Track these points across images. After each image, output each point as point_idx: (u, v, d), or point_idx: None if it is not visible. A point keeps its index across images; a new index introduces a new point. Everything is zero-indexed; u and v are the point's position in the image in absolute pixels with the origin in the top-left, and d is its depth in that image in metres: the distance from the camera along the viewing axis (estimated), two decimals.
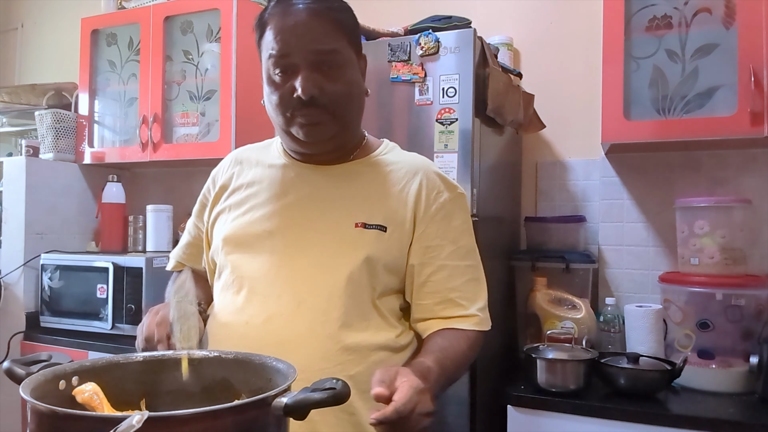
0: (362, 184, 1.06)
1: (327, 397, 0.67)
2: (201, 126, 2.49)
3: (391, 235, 1.02)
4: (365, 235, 1.01)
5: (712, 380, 1.62)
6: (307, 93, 0.96)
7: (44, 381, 0.72)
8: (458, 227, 1.07)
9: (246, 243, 1.06)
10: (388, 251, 1.01)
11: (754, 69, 1.62)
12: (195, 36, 2.52)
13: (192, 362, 0.82)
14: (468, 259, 1.07)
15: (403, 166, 1.08)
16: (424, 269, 1.04)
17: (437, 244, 1.04)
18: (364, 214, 1.02)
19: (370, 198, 1.04)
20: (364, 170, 1.08)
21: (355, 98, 1.04)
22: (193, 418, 0.60)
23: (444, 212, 1.05)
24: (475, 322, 1.04)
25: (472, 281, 1.06)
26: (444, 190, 1.07)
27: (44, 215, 2.55)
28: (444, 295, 1.04)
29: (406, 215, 1.03)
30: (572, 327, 1.81)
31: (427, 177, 1.07)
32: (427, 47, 1.67)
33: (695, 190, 1.98)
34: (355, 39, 1.04)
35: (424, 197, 1.05)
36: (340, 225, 1.02)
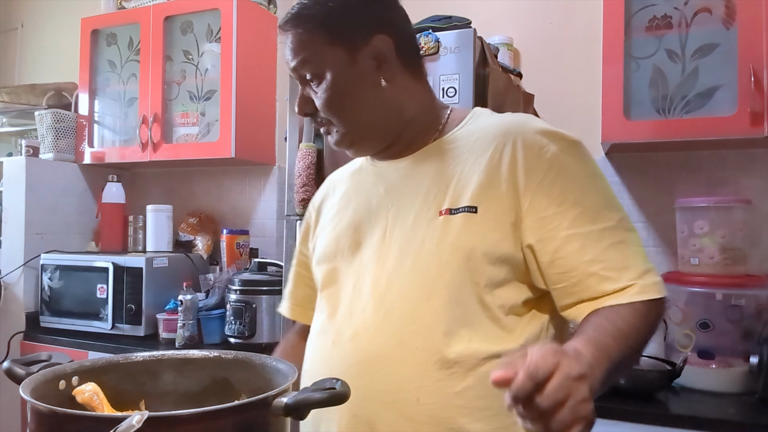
0: (443, 167, 0.90)
1: (327, 396, 0.67)
2: (201, 126, 2.49)
3: (484, 215, 0.84)
4: (452, 222, 0.85)
5: (712, 380, 1.62)
6: (301, 112, 0.94)
7: (44, 381, 0.72)
8: (579, 184, 0.84)
9: (332, 257, 0.97)
10: (484, 235, 0.83)
11: (754, 69, 1.62)
12: (195, 36, 2.52)
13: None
14: (601, 220, 0.83)
15: (491, 132, 0.90)
16: (546, 246, 0.82)
17: (554, 212, 0.82)
18: (449, 199, 0.87)
19: (453, 179, 0.88)
20: (443, 151, 0.92)
21: (351, 100, 0.91)
22: (193, 418, 0.60)
23: (555, 172, 0.84)
24: (635, 293, 0.79)
25: (613, 246, 0.82)
26: (548, 143, 0.86)
27: (44, 215, 2.55)
28: (582, 271, 0.81)
29: (502, 188, 0.84)
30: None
31: (524, 136, 0.87)
32: (427, 47, 1.66)
33: (695, 190, 1.98)
34: (337, 31, 0.89)
35: (522, 161, 0.85)
36: (422, 217, 0.88)
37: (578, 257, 0.81)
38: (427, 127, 0.96)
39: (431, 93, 1.00)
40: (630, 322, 0.77)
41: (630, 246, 0.84)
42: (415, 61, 0.96)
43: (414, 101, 0.95)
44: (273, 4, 2.65)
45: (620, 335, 0.75)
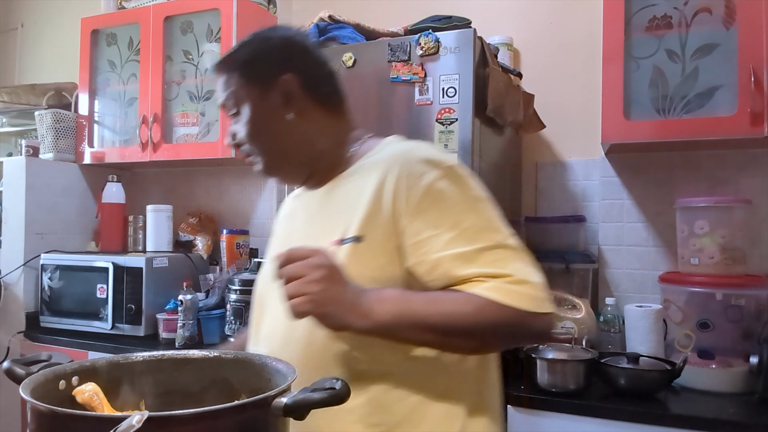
0: (342, 198, 0.98)
1: (327, 397, 0.67)
2: (201, 126, 2.49)
3: (370, 243, 0.90)
4: (341, 252, 0.91)
5: (712, 380, 1.62)
6: (228, 142, 1.06)
7: (44, 381, 0.72)
8: (455, 208, 0.89)
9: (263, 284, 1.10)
10: (371, 262, 0.90)
11: (754, 69, 1.62)
12: (195, 36, 2.52)
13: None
14: (479, 241, 0.86)
15: (380, 163, 0.95)
16: (422, 267, 0.88)
17: (429, 235, 0.87)
18: (340, 230, 0.93)
19: (346, 210, 0.95)
20: (345, 181, 1.00)
21: (264, 132, 1.01)
22: (193, 418, 0.60)
23: (431, 197, 0.89)
24: (487, 288, 0.83)
25: (487, 262, 0.86)
26: (427, 171, 0.90)
27: (44, 215, 2.55)
28: (452, 283, 0.86)
29: (384, 215, 0.90)
30: (572, 327, 1.81)
31: (406, 164, 0.92)
32: (427, 47, 1.67)
33: (695, 190, 1.98)
34: (252, 72, 1.01)
35: (403, 189, 0.89)
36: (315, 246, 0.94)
37: (452, 273, 0.86)
38: (338, 158, 1.03)
39: (348, 127, 1.07)
40: (459, 303, 0.83)
41: (503, 261, 0.86)
42: (331, 98, 1.06)
43: (325, 134, 1.03)
44: (273, 4, 2.65)
45: (437, 303, 0.85)
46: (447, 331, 0.85)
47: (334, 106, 1.06)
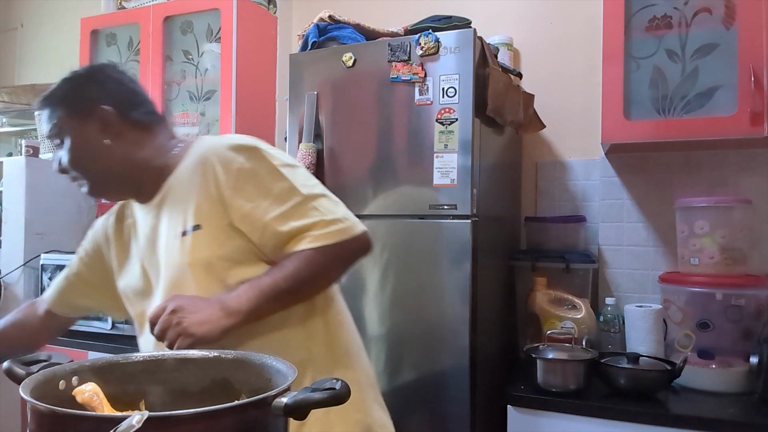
0: (175, 198, 1.13)
1: (327, 397, 0.67)
2: (201, 126, 2.49)
3: (208, 228, 1.07)
4: (186, 241, 1.07)
5: (712, 380, 1.62)
6: (56, 169, 1.16)
7: (44, 381, 0.72)
8: (265, 180, 1.07)
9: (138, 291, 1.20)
10: (214, 242, 1.06)
11: (754, 69, 1.62)
12: (195, 36, 2.52)
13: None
14: (290, 198, 1.07)
15: (196, 163, 1.11)
16: (255, 233, 1.06)
17: (251, 207, 1.06)
18: (181, 224, 1.09)
19: (182, 206, 1.10)
20: (172, 188, 1.14)
21: (87, 158, 1.13)
22: (193, 418, 0.60)
23: (244, 175, 1.07)
24: (309, 241, 1.05)
25: (302, 215, 1.06)
26: (235, 156, 1.08)
27: (44, 215, 2.55)
28: (279, 241, 1.07)
29: (213, 200, 1.07)
30: (572, 327, 1.81)
31: (217, 154, 1.09)
32: (427, 47, 1.66)
33: (695, 190, 1.98)
34: (75, 107, 1.12)
35: (222, 175, 1.07)
36: (169, 244, 1.10)
37: (276, 230, 1.06)
38: (160, 169, 1.16)
39: (166, 138, 1.20)
40: (295, 264, 1.04)
41: (314, 210, 1.07)
42: (146, 119, 1.17)
43: (145, 152, 1.16)
44: (273, 4, 2.65)
45: (280, 274, 1.03)
46: (296, 288, 1.05)
47: (150, 125, 1.18)
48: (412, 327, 1.65)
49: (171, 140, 1.20)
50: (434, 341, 1.62)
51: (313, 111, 1.80)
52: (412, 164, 1.67)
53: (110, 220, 1.30)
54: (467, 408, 1.58)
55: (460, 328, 1.59)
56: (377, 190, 1.72)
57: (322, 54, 1.83)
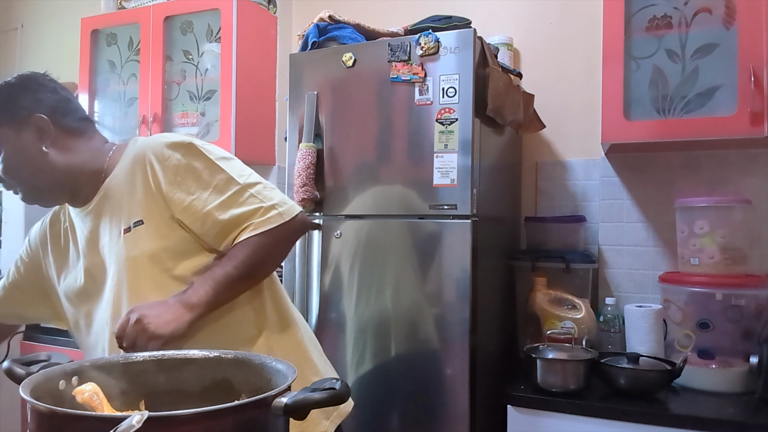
0: (115, 197, 1.16)
1: (327, 396, 0.67)
2: (201, 126, 2.49)
3: (149, 222, 1.12)
4: (129, 237, 1.12)
5: (712, 380, 1.62)
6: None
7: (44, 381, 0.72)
8: (203, 173, 1.12)
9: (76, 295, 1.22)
10: (156, 235, 1.11)
11: (754, 69, 1.62)
12: (195, 36, 2.52)
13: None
14: (228, 189, 1.12)
15: (135, 159, 1.16)
16: (196, 223, 1.12)
17: (191, 199, 1.11)
18: (125, 221, 1.13)
19: (123, 206, 1.14)
20: (111, 190, 1.17)
21: (23, 165, 1.14)
22: (193, 418, 0.60)
23: (182, 172, 1.12)
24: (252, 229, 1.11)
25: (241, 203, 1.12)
26: (172, 153, 1.13)
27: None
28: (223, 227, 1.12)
29: (153, 196, 1.12)
30: (572, 327, 1.81)
31: (154, 152, 1.14)
32: (427, 47, 1.66)
33: (695, 190, 1.98)
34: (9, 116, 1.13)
35: (159, 172, 1.12)
36: (113, 241, 1.14)
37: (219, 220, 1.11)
38: (96, 172, 1.19)
39: (99, 143, 1.23)
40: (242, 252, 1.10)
41: (251, 197, 1.12)
42: (78, 125, 1.20)
43: (80, 157, 1.18)
44: (273, 4, 2.65)
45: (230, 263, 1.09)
46: (248, 274, 1.12)
47: (83, 131, 1.20)
48: (412, 327, 1.65)
49: (104, 144, 1.24)
50: (434, 341, 1.62)
51: (313, 111, 1.80)
52: (412, 164, 1.67)
53: (45, 227, 1.32)
54: (467, 408, 1.58)
55: (460, 328, 1.59)
56: (377, 190, 1.72)
57: (322, 54, 1.84)
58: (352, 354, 1.72)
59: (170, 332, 1.01)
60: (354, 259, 1.73)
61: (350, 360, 1.72)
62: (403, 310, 1.66)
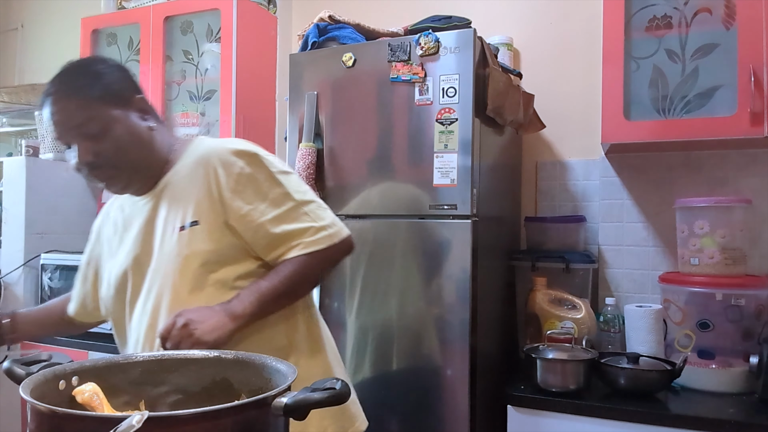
0: (174, 193, 1.18)
1: (327, 396, 0.67)
2: (201, 126, 2.49)
3: (204, 224, 1.13)
4: (185, 235, 1.13)
5: (712, 380, 1.62)
6: (82, 162, 1.12)
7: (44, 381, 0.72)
8: (262, 184, 1.15)
9: (118, 283, 1.23)
10: (209, 238, 1.13)
11: (754, 69, 1.62)
12: (195, 36, 2.52)
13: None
14: (285, 203, 1.15)
15: (199, 160, 1.17)
16: (249, 232, 1.14)
17: (249, 209, 1.14)
18: (180, 219, 1.15)
19: (181, 203, 1.16)
20: (172, 183, 1.19)
21: (130, 145, 1.15)
22: (193, 418, 0.60)
23: (244, 179, 1.14)
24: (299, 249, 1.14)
25: (294, 220, 1.15)
26: (237, 160, 1.15)
27: (44, 215, 2.55)
28: (274, 240, 1.15)
29: (212, 199, 1.14)
30: (572, 327, 1.81)
31: (219, 157, 1.16)
32: (427, 47, 1.66)
33: (695, 190, 1.98)
34: (112, 96, 1.13)
35: (222, 177, 1.14)
36: (167, 236, 1.16)
37: (269, 231, 1.14)
38: (164, 163, 1.21)
39: (167, 134, 1.25)
40: (289, 269, 1.13)
41: (305, 215, 1.16)
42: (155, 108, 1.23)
43: (165, 142, 1.22)
44: (273, 4, 2.65)
45: (276, 278, 1.12)
46: (291, 290, 1.15)
47: (160, 118, 1.23)
48: (412, 327, 1.65)
49: (170, 135, 1.26)
50: (434, 341, 1.62)
51: (313, 111, 1.80)
52: (412, 164, 1.67)
53: (99, 221, 1.35)
54: (467, 408, 1.58)
55: (460, 328, 1.59)
56: (377, 190, 1.72)
57: (322, 54, 1.83)
58: (352, 354, 1.72)
59: (213, 340, 1.02)
60: (354, 260, 1.73)
61: (350, 360, 1.72)
62: (404, 310, 1.66)
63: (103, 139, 1.11)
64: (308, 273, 1.16)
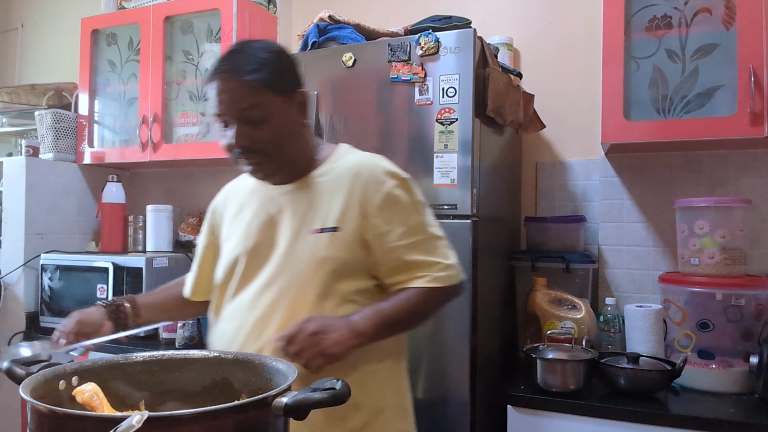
0: (315, 196, 1.19)
1: (327, 396, 0.67)
2: (201, 126, 2.49)
3: (344, 232, 1.15)
4: (319, 239, 1.15)
5: (712, 380, 1.62)
6: (239, 145, 1.13)
7: (44, 381, 0.72)
8: (405, 209, 1.18)
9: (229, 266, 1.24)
10: (345, 246, 1.15)
11: (754, 69, 1.62)
12: (195, 36, 2.52)
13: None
14: (420, 233, 1.18)
15: (350, 169, 1.20)
16: (381, 252, 1.16)
17: (387, 229, 1.16)
18: (318, 221, 1.16)
19: (322, 206, 1.18)
20: (315, 183, 1.21)
21: (286, 137, 1.16)
22: (193, 418, 0.60)
23: (389, 200, 1.17)
24: (424, 282, 1.16)
25: (424, 251, 1.18)
26: (387, 180, 1.18)
27: (44, 215, 2.55)
28: (402, 265, 1.17)
29: (356, 212, 1.16)
30: (572, 327, 1.81)
31: (371, 172, 1.19)
32: (427, 47, 1.66)
33: (695, 191, 1.98)
34: (279, 85, 1.14)
35: (371, 191, 1.17)
36: (297, 235, 1.17)
37: (401, 257, 1.17)
38: (310, 160, 1.23)
39: (312, 135, 1.29)
40: (412, 297, 1.15)
41: (435, 249, 1.19)
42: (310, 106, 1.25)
43: (312, 140, 1.26)
44: (273, 4, 2.65)
45: (401, 304, 1.14)
46: (407, 320, 1.18)
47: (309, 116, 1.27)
48: None
49: (314, 136, 1.29)
50: (434, 341, 1.62)
51: (313, 111, 1.80)
52: (412, 164, 1.67)
53: (220, 201, 1.36)
54: (467, 408, 1.58)
55: (460, 328, 1.59)
56: None
57: (322, 54, 1.84)
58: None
59: (336, 354, 1.03)
60: None
61: None
62: None
63: (262, 127, 1.12)
64: (426, 307, 1.19)
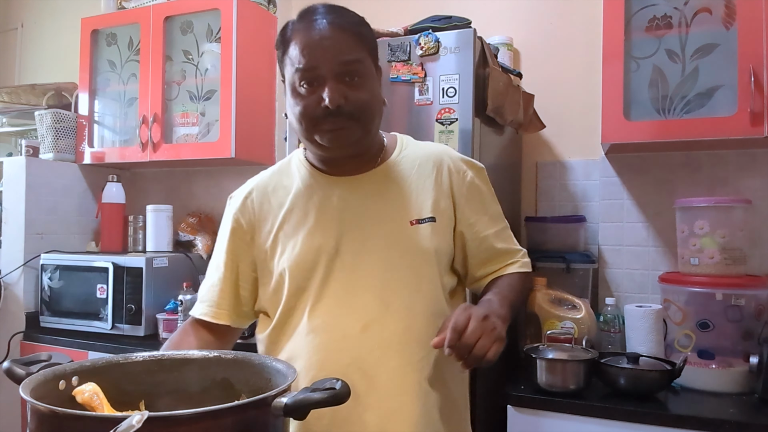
0: (400, 184, 1.12)
1: (327, 397, 0.67)
2: (201, 126, 2.49)
3: (441, 224, 1.11)
4: (421, 230, 1.09)
5: (712, 380, 1.62)
6: (335, 103, 1.01)
7: (44, 381, 0.72)
8: (486, 198, 1.19)
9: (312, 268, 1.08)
10: (443, 238, 1.11)
11: (754, 69, 1.62)
12: (195, 36, 2.52)
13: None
14: (500, 222, 1.20)
15: (428, 158, 1.16)
16: (474, 241, 1.15)
17: (476, 219, 1.15)
18: (414, 212, 1.10)
19: (412, 195, 1.11)
20: (396, 171, 1.14)
21: (376, 106, 1.10)
22: (193, 418, 0.60)
23: (473, 189, 1.16)
24: (518, 267, 1.19)
25: (507, 238, 1.21)
26: (467, 169, 1.17)
27: (44, 215, 2.55)
28: (496, 253, 1.18)
29: (447, 202, 1.13)
30: (572, 327, 1.81)
31: (452, 161, 1.17)
32: (427, 47, 1.66)
33: (695, 190, 1.98)
34: (375, 52, 1.11)
35: (456, 181, 1.15)
36: (395, 226, 1.09)
37: (493, 245, 1.18)
38: (376, 150, 1.16)
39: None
40: (517, 282, 1.18)
41: (511, 238, 1.23)
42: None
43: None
44: (273, 4, 2.65)
45: (513, 289, 1.14)
46: (520, 303, 1.21)
47: None
48: None
49: None
50: None
51: None
52: None
53: (255, 205, 1.18)
54: None
55: None
56: None
57: None
58: None
59: (505, 338, 0.96)
60: None
61: None
62: None
63: (359, 88, 1.04)
64: (526, 292, 1.24)
